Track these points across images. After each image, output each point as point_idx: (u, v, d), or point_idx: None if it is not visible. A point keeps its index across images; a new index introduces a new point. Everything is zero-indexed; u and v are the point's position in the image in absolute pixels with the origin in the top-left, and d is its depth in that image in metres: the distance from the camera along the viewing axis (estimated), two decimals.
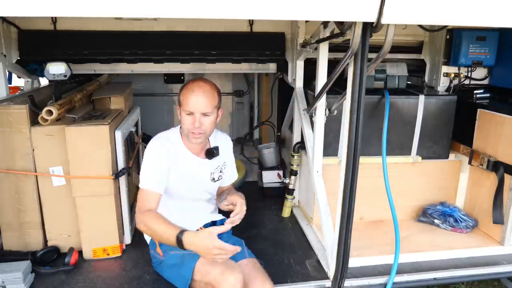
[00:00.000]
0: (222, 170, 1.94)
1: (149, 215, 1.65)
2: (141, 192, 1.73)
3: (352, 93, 1.62)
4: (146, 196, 1.71)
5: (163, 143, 1.78)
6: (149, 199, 1.71)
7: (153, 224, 1.62)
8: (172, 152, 1.78)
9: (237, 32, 2.73)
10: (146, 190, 1.72)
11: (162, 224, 1.61)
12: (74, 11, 1.25)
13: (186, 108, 1.71)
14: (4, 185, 2.01)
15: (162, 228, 1.60)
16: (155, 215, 1.66)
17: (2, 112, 1.94)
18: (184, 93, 1.73)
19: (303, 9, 1.36)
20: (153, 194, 1.71)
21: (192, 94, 1.71)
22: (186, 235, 1.54)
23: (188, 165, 1.82)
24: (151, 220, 1.63)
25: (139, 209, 1.70)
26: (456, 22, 1.48)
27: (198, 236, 1.55)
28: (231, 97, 4.20)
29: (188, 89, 1.73)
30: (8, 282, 1.78)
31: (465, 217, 2.41)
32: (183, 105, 1.73)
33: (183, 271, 1.70)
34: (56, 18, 2.54)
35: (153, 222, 1.62)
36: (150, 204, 1.70)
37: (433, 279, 2.02)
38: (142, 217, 1.67)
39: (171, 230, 1.57)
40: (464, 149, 2.57)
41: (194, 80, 1.78)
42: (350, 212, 1.76)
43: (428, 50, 2.93)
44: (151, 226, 1.63)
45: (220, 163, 1.93)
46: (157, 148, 1.76)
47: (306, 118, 2.42)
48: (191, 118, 1.72)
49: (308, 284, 1.94)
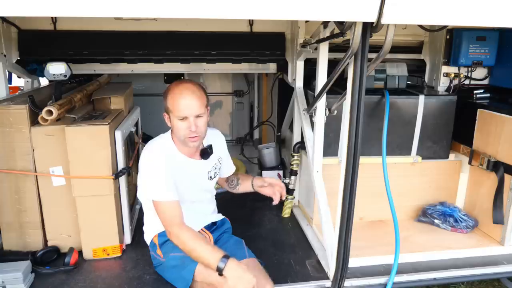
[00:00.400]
0: (218, 166, 1.95)
1: (187, 233, 1.66)
2: (161, 205, 1.70)
3: (352, 93, 1.62)
4: (171, 208, 1.70)
5: (160, 152, 1.76)
6: (173, 209, 1.69)
7: (193, 244, 1.63)
8: (170, 159, 1.76)
9: (237, 32, 2.73)
10: (166, 202, 1.70)
11: (204, 245, 1.62)
12: (74, 11, 1.25)
13: (178, 114, 1.67)
14: (4, 185, 2.01)
15: (203, 249, 1.61)
16: (194, 235, 1.66)
17: (2, 112, 1.94)
18: (171, 98, 1.68)
19: (303, 9, 1.36)
20: (174, 203, 1.70)
21: (182, 98, 1.66)
22: (231, 262, 1.54)
23: (186, 169, 1.82)
24: (190, 240, 1.64)
25: (170, 223, 1.69)
26: (456, 22, 1.48)
27: (242, 266, 1.56)
28: (231, 97, 4.20)
29: (175, 93, 1.67)
30: (8, 282, 1.78)
31: (465, 217, 2.41)
32: (173, 111, 1.68)
33: (184, 272, 1.69)
34: (56, 18, 2.54)
35: (193, 242, 1.63)
36: (177, 214, 1.69)
37: (433, 279, 2.02)
38: (177, 232, 1.66)
39: (213, 253, 1.58)
40: (464, 149, 2.57)
41: (177, 83, 1.72)
42: (350, 212, 1.76)
43: (428, 50, 2.93)
44: (190, 245, 1.63)
45: (215, 160, 1.93)
46: (157, 158, 1.73)
47: (306, 118, 2.42)
48: (185, 123, 1.68)
49: (308, 284, 1.94)
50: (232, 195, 2.15)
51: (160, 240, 1.86)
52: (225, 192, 2.21)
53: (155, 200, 1.72)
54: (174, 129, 1.75)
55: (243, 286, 1.51)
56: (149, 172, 1.74)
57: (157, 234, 1.88)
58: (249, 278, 1.52)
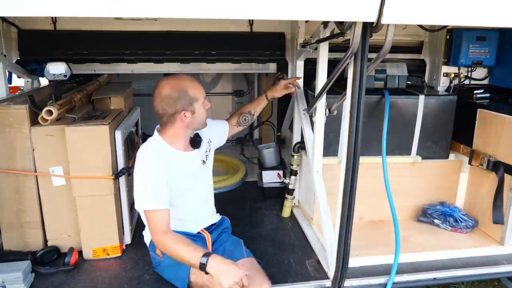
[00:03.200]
0: (208, 148, 1.96)
1: (170, 238, 1.64)
2: (149, 214, 1.68)
3: (352, 93, 1.62)
4: (156, 217, 1.67)
5: (155, 155, 1.73)
6: (160, 219, 1.67)
7: (175, 248, 1.61)
8: (166, 160, 1.74)
9: (237, 32, 2.73)
10: (154, 211, 1.67)
11: (184, 247, 1.60)
12: (74, 11, 1.25)
13: (201, 94, 1.73)
14: (4, 185, 2.01)
15: (184, 252, 1.59)
16: (176, 239, 1.64)
17: (2, 112, 1.94)
18: (191, 89, 1.70)
19: (303, 9, 1.36)
20: (162, 212, 1.68)
21: (195, 83, 1.73)
22: (212, 259, 1.52)
23: (183, 163, 1.81)
24: (173, 244, 1.62)
25: (155, 232, 1.67)
26: (456, 22, 1.48)
27: (225, 262, 1.54)
28: (231, 97, 4.20)
29: (188, 83, 1.72)
30: (8, 282, 1.78)
31: (465, 217, 2.41)
32: (200, 97, 1.73)
33: (180, 271, 1.70)
34: (56, 18, 2.55)
35: (176, 246, 1.61)
36: (163, 223, 1.67)
37: (433, 279, 2.02)
38: (162, 240, 1.65)
39: (193, 253, 1.56)
40: (464, 149, 2.57)
41: (174, 78, 1.75)
42: (350, 212, 1.76)
43: (428, 50, 2.93)
44: (173, 249, 1.61)
45: (206, 145, 1.93)
46: (150, 163, 1.71)
47: (306, 118, 2.42)
48: (206, 100, 1.75)
49: (308, 284, 1.94)
50: (232, 195, 2.15)
51: None
52: (225, 192, 2.21)
53: (144, 210, 1.70)
54: (198, 116, 1.74)
55: (228, 281, 1.48)
56: (140, 178, 1.71)
57: None
58: (233, 272, 1.49)
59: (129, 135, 2.30)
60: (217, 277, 1.50)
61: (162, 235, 1.65)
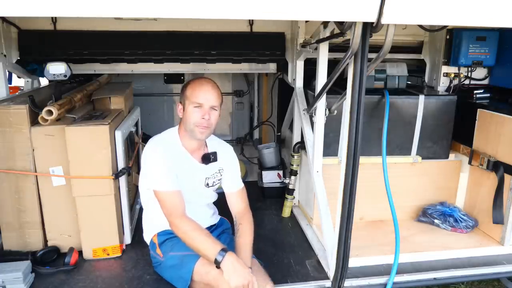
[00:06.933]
0: (218, 177, 1.92)
1: (189, 224, 1.66)
2: (162, 195, 1.70)
3: (352, 93, 1.62)
4: (172, 197, 1.70)
5: (162, 144, 1.78)
6: (175, 199, 1.70)
7: (193, 235, 1.63)
8: (171, 152, 1.77)
9: (237, 32, 2.73)
10: (168, 192, 1.70)
11: (204, 237, 1.62)
12: (74, 11, 1.25)
13: (195, 100, 1.72)
14: (4, 185, 2.01)
15: (202, 240, 1.61)
16: (195, 226, 1.66)
17: (2, 112, 1.94)
18: (191, 87, 1.76)
19: (303, 9, 1.36)
20: (176, 193, 1.71)
21: (202, 87, 1.75)
22: (228, 255, 1.55)
23: (185, 166, 1.82)
24: (191, 230, 1.64)
25: (172, 214, 1.68)
26: (456, 22, 1.48)
27: (240, 262, 1.56)
28: (231, 97, 4.20)
29: (195, 83, 1.77)
30: (8, 282, 1.78)
31: (465, 217, 2.41)
32: (191, 97, 1.74)
33: (182, 272, 1.69)
34: (56, 18, 2.54)
35: (193, 233, 1.64)
36: (180, 205, 1.70)
37: (433, 279, 2.02)
38: (179, 223, 1.66)
39: (212, 245, 1.59)
40: (464, 149, 2.57)
41: (198, 78, 1.82)
42: (350, 212, 1.75)
43: (428, 50, 2.93)
44: (190, 236, 1.63)
45: (216, 169, 1.91)
46: (159, 149, 1.75)
47: (306, 118, 2.42)
48: (199, 111, 1.73)
49: (308, 284, 1.94)
50: None
51: (159, 239, 1.86)
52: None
53: (156, 190, 1.72)
54: (186, 117, 1.77)
55: (237, 281, 1.50)
56: (150, 161, 1.75)
57: (156, 233, 1.88)
58: (244, 274, 1.52)
59: (129, 135, 2.30)
60: (228, 274, 1.52)
61: (180, 217, 1.67)
